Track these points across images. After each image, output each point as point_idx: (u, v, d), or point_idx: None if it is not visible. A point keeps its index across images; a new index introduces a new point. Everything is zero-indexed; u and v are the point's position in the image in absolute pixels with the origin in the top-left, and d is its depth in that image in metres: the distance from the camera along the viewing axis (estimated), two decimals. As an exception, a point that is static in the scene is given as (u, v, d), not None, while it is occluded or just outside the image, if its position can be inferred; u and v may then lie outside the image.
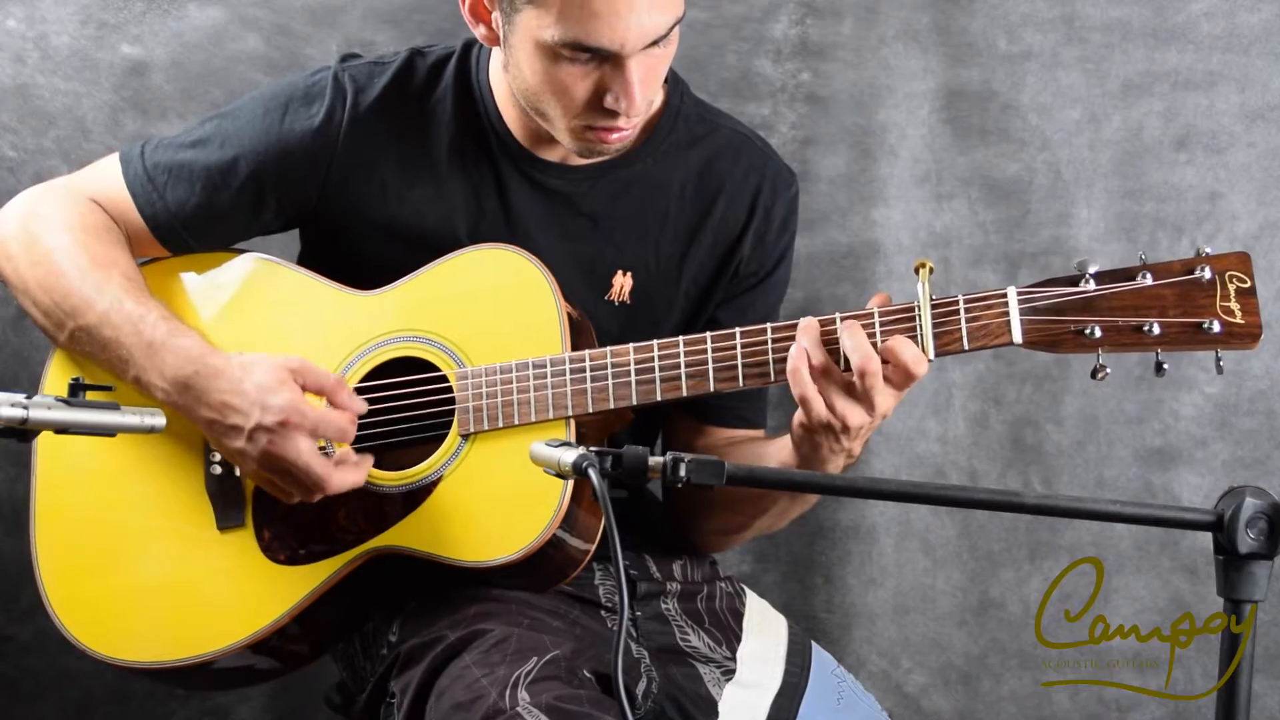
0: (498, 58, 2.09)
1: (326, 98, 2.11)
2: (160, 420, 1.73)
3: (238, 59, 2.90)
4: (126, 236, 2.15)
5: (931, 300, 1.87)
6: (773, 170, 2.22)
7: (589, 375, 1.98)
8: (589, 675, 1.91)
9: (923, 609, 3.04)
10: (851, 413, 1.88)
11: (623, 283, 2.16)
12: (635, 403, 1.98)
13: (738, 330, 1.95)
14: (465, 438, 2.02)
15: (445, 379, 2.04)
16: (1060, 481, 3.01)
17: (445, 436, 2.03)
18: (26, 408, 1.57)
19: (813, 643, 2.17)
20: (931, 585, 3.03)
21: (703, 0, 2.93)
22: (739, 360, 1.94)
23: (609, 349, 1.99)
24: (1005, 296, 1.86)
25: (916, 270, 1.87)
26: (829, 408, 1.88)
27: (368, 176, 2.12)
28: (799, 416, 1.91)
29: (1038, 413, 3.02)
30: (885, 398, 1.87)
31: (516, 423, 1.99)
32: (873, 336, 1.88)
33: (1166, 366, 1.82)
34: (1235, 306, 1.80)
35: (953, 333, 1.88)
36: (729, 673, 2.10)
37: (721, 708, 2.06)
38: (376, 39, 2.91)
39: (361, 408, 2.03)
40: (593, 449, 1.56)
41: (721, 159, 2.19)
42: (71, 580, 2.11)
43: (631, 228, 2.16)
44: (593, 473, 1.54)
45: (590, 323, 2.08)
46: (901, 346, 1.85)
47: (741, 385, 1.95)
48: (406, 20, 2.92)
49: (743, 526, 2.20)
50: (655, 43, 1.94)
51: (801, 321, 1.90)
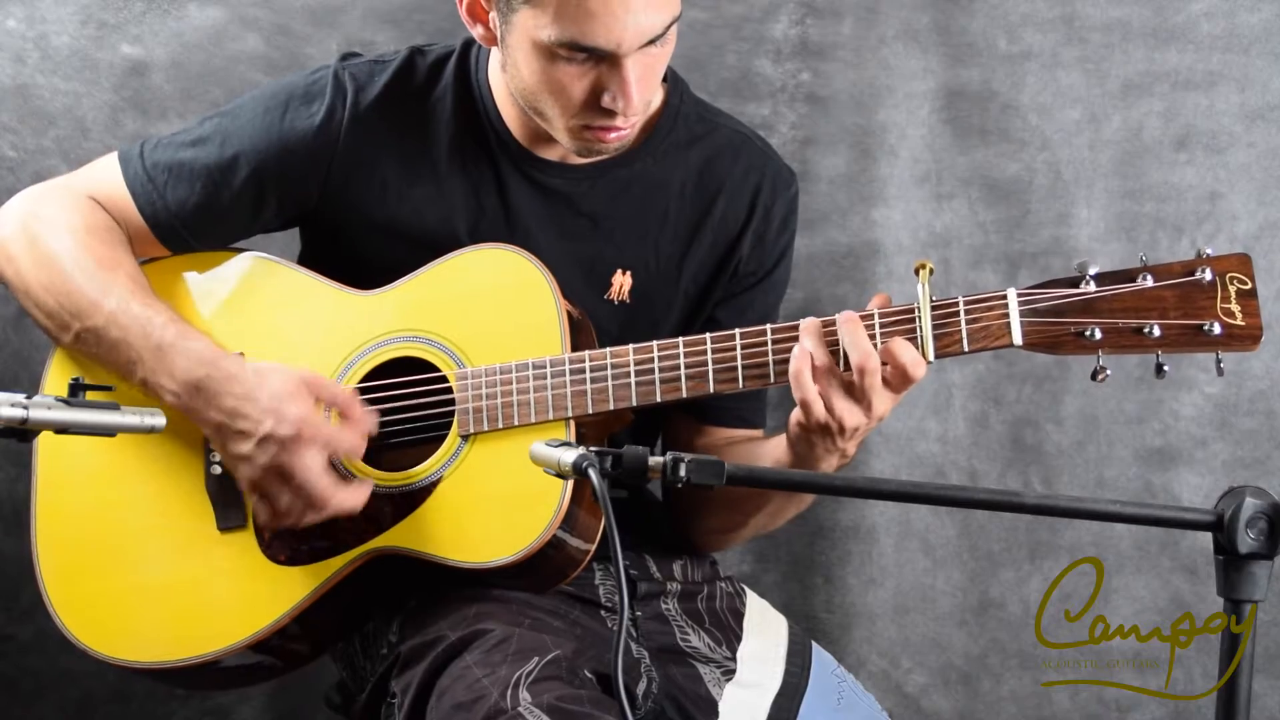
0: (497, 57, 2.09)
1: (327, 96, 2.10)
2: (160, 420, 1.73)
3: (238, 59, 2.90)
4: (127, 236, 2.15)
5: (931, 302, 1.87)
6: (772, 169, 2.22)
7: (589, 376, 1.98)
8: (590, 675, 1.91)
9: (923, 609, 3.04)
10: (849, 414, 1.87)
11: (622, 282, 2.16)
12: (635, 404, 1.97)
13: (737, 332, 1.95)
14: (465, 438, 2.02)
15: (445, 379, 2.04)
16: (1060, 481, 3.01)
17: (445, 437, 2.03)
18: (26, 408, 1.57)
19: (813, 643, 2.17)
20: (931, 585, 3.03)
21: (703, 0, 2.93)
22: (738, 362, 1.94)
23: (608, 350, 1.99)
24: (1005, 298, 1.86)
25: (916, 271, 1.87)
26: (828, 409, 1.88)
27: (368, 175, 2.11)
28: (796, 416, 1.91)
29: (1038, 413, 3.02)
30: (883, 399, 1.87)
31: (516, 423, 1.99)
32: (872, 338, 1.87)
33: (1167, 368, 1.82)
34: (1236, 308, 1.80)
35: (953, 334, 1.87)
36: (729, 673, 2.10)
37: (721, 708, 2.05)
38: (376, 39, 2.91)
39: (373, 425, 2.03)
40: (593, 449, 1.56)
41: (721, 158, 2.19)
42: (72, 580, 2.11)
43: (631, 227, 2.16)
44: (593, 473, 1.54)
45: (590, 322, 2.08)
46: (900, 349, 1.85)
47: (741, 387, 1.95)
48: (406, 20, 2.91)
49: (739, 525, 2.20)
50: (652, 42, 1.94)
51: (803, 322, 1.90)
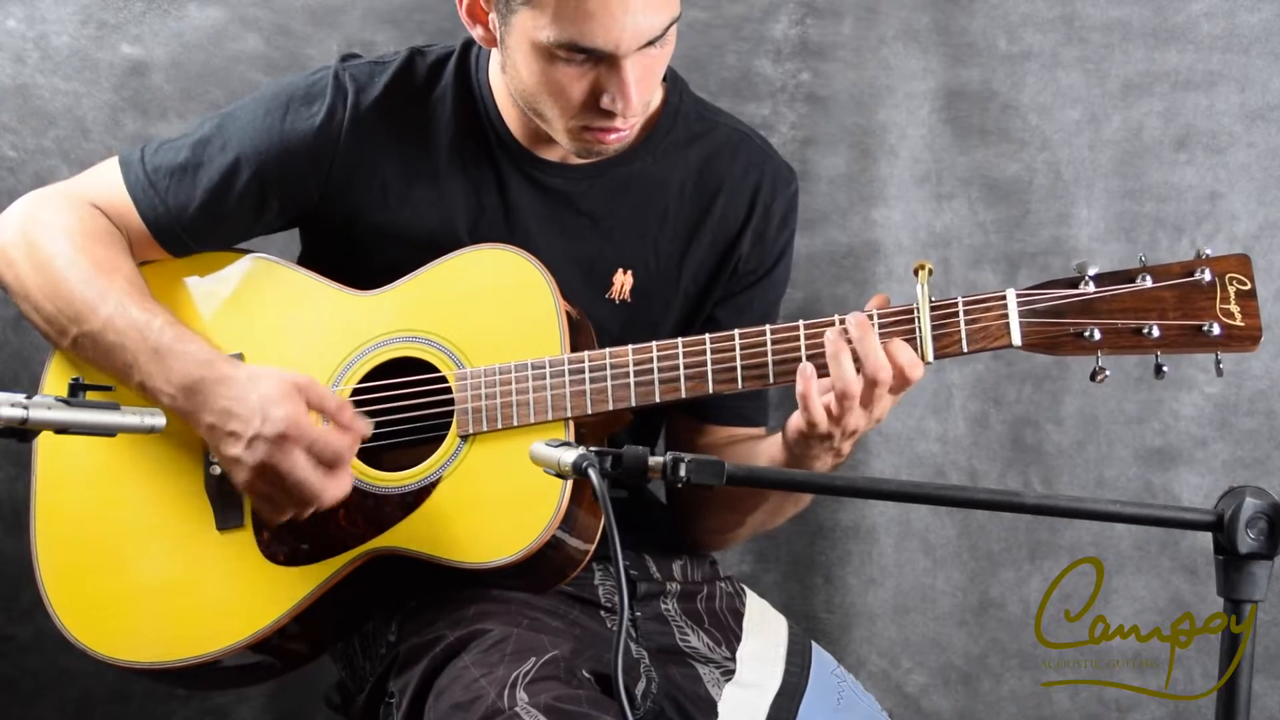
0: (496, 58, 2.09)
1: (327, 97, 2.10)
2: (160, 420, 1.73)
3: (238, 59, 2.90)
4: (127, 240, 2.14)
5: (930, 302, 1.87)
6: (772, 168, 2.22)
7: (588, 377, 1.98)
8: (588, 675, 1.91)
9: (923, 609, 3.03)
10: (852, 420, 1.88)
11: (623, 281, 2.16)
12: (634, 404, 1.97)
13: (736, 332, 1.95)
14: (464, 439, 2.02)
15: (445, 380, 2.04)
16: (1060, 481, 3.01)
17: (444, 437, 2.03)
18: (26, 408, 1.57)
19: (813, 643, 2.17)
20: (931, 585, 3.03)
21: (703, 0, 2.93)
22: (738, 362, 1.94)
23: (608, 350, 1.99)
24: (1004, 299, 1.86)
25: (916, 272, 1.87)
26: (834, 421, 1.88)
27: (369, 175, 2.11)
28: (798, 423, 1.92)
29: (1038, 413, 3.01)
30: (883, 402, 1.88)
31: (515, 424, 1.99)
32: (871, 338, 1.88)
33: (1166, 369, 1.82)
34: (1235, 309, 1.80)
35: (952, 335, 1.88)
36: (729, 673, 2.10)
37: (721, 708, 2.05)
38: (376, 39, 2.91)
39: (367, 430, 2.02)
40: (593, 449, 1.56)
41: (721, 157, 2.19)
42: (71, 580, 2.11)
43: (631, 226, 2.16)
44: (593, 473, 1.54)
45: (589, 322, 2.08)
46: (898, 350, 1.85)
47: (740, 387, 1.95)
48: (406, 20, 2.91)
49: (738, 524, 2.20)
50: (651, 43, 1.94)
51: (829, 336, 1.88)
